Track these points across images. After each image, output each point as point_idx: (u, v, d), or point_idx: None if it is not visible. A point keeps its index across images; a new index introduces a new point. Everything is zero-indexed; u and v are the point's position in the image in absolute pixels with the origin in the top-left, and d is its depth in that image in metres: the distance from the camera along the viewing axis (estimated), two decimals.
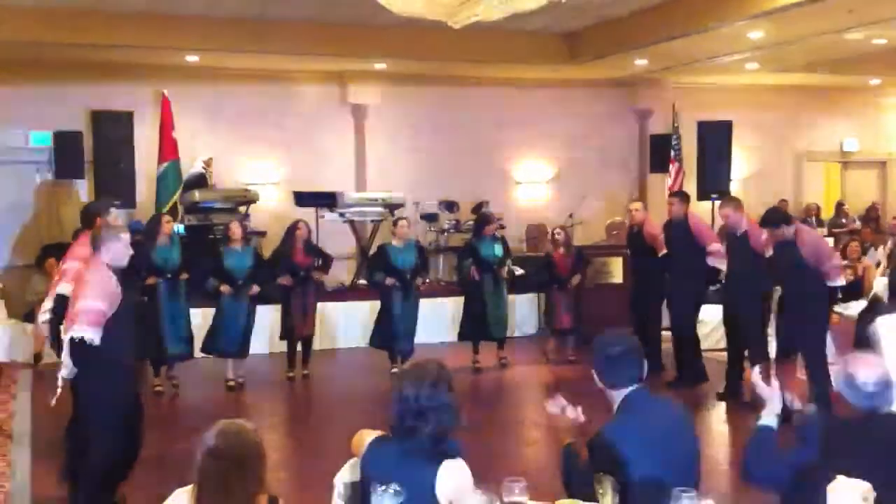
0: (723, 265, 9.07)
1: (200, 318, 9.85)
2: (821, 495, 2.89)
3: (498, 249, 10.49)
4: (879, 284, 9.53)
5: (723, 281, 9.22)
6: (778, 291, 8.48)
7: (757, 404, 3.70)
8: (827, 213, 15.96)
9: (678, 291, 9.50)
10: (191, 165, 12.36)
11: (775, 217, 7.96)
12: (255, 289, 9.51)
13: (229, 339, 9.49)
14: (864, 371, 3.34)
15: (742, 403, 8.39)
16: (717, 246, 9.21)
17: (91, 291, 5.23)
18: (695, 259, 9.22)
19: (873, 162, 17.24)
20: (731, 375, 8.81)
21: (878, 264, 11.17)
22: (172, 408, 8.97)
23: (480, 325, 10.44)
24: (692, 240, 9.27)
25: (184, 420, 5.88)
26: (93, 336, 5.12)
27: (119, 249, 5.39)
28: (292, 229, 9.91)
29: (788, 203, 13.95)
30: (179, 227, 11.11)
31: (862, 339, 8.19)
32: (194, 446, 2.87)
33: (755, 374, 3.74)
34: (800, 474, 3.19)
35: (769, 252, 8.13)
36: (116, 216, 6.65)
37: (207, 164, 12.57)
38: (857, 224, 15.23)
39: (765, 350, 8.46)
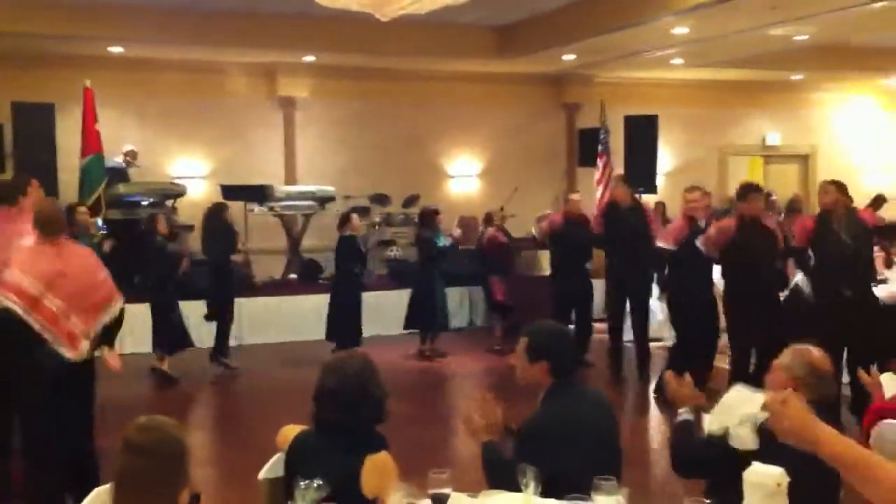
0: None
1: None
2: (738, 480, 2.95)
3: (443, 240, 10.66)
4: (799, 277, 9.74)
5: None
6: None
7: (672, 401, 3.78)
8: None
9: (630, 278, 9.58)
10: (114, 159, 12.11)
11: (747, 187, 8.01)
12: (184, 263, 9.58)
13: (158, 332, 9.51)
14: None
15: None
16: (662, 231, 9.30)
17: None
18: (645, 245, 9.27)
19: (795, 156, 17.64)
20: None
21: None
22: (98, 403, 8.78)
23: (430, 315, 10.63)
24: (645, 224, 9.39)
25: (108, 416, 5.78)
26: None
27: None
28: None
29: (712, 195, 14.17)
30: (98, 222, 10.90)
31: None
32: (116, 443, 2.82)
33: (667, 375, 3.81)
34: (722, 460, 3.26)
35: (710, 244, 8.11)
36: (36, 185, 6.35)
37: (131, 156, 12.32)
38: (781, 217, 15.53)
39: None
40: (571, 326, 9.69)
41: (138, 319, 9.61)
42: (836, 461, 2.21)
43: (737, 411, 2.95)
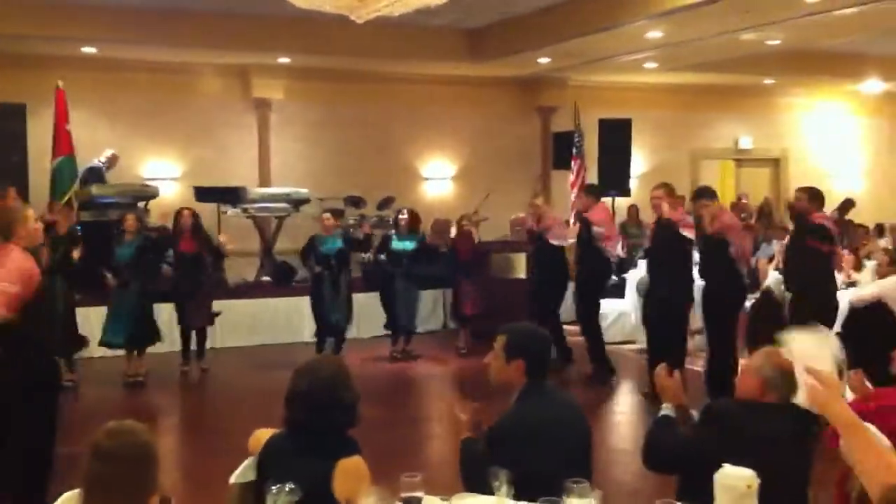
0: (619, 252, 9.31)
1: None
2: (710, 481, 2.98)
3: (409, 244, 10.67)
4: (772, 279, 9.85)
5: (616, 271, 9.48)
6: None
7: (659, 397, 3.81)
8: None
9: (581, 289, 9.65)
10: (88, 160, 11.99)
11: (704, 190, 8.17)
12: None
13: (114, 330, 9.41)
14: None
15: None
16: (598, 229, 9.36)
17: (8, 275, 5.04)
18: (596, 254, 9.39)
19: (767, 159, 17.79)
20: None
21: (770, 259, 11.52)
22: (66, 406, 8.71)
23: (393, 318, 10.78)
24: (590, 232, 9.46)
25: (79, 422, 5.72)
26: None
27: (33, 229, 5.26)
28: (176, 216, 9.90)
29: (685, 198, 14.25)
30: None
31: (754, 332, 8.50)
32: (84, 449, 2.80)
33: (659, 368, 3.83)
34: (695, 457, 3.29)
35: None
36: (13, 195, 6.27)
37: (112, 161, 12.22)
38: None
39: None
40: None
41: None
42: (841, 425, 2.52)
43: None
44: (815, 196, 7.88)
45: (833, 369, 2.86)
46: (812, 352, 2.92)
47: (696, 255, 8.58)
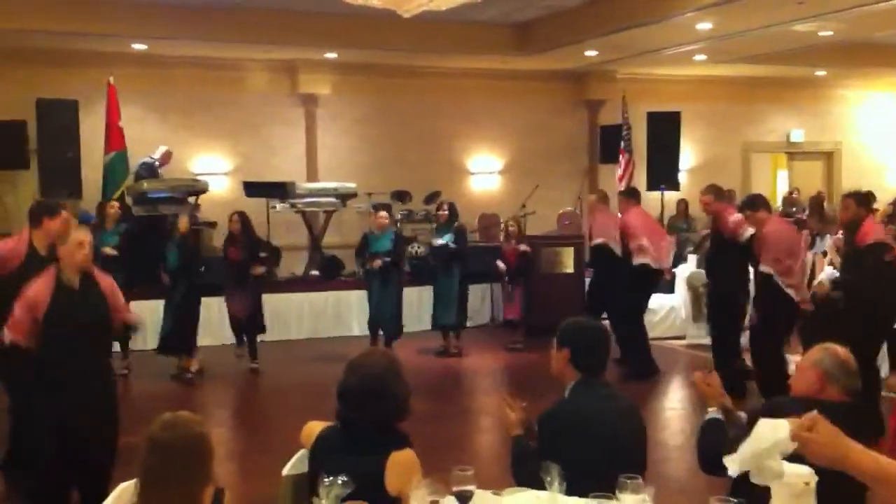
0: (646, 260, 9.21)
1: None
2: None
3: (447, 237, 10.68)
4: (825, 274, 9.67)
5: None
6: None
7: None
8: (774, 202, 16.17)
9: (620, 288, 9.59)
10: (139, 156, 12.14)
11: (756, 200, 8.06)
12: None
13: (163, 332, 9.60)
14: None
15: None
16: (637, 244, 9.29)
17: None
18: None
19: (819, 153, 17.51)
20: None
21: (824, 254, 11.33)
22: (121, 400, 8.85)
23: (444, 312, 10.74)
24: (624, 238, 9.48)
25: (132, 412, 5.80)
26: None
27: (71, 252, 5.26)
28: (229, 221, 9.99)
29: (735, 193, 14.08)
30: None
31: (810, 330, 8.34)
32: (140, 440, 2.83)
33: (696, 373, 3.80)
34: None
35: (746, 234, 8.10)
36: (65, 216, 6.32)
37: (164, 156, 12.37)
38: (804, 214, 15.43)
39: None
40: None
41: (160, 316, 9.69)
42: (864, 477, 2.24)
43: (765, 445, 2.84)
44: (862, 200, 7.65)
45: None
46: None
47: None
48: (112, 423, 5.23)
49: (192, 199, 12.08)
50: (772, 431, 2.63)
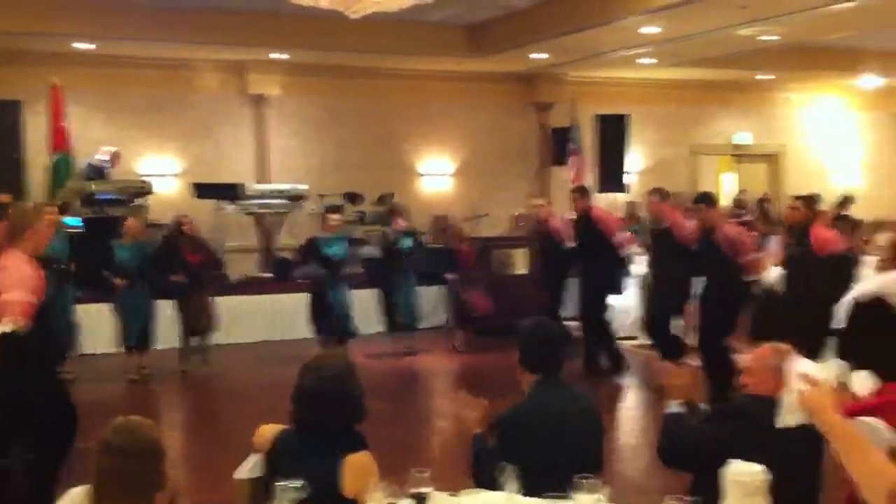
0: (632, 252, 9.35)
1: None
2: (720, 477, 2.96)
3: (409, 241, 10.71)
4: (772, 275, 9.81)
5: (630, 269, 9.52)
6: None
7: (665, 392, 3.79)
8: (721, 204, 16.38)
9: (587, 283, 9.62)
10: (85, 156, 11.95)
11: (706, 197, 8.20)
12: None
13: (129, 332, 9.42)
14: None
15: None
16: (621, 236, 9.41)
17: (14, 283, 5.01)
18: (602, 250, 9.39)
19: (765, 155, 17.80)
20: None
21: (769, 255, 11.50)
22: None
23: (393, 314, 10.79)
24: (597, 232, 9.42)
25: (83, 416, 5.71)
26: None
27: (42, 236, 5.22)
28: (178, 227, 9.96)
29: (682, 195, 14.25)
30: (75, 220, 10.81)
31: (757, 328, 8.49)
32: (93, 444, 2.79)
33: (668, 365, 3.83)
34: (711, 453, 3.27)
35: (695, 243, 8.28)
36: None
37: (113, 157, 12.18)
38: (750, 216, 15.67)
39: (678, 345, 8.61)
40: None
41: (107, 318, 9.57)
42: (832, 436, 2.42)
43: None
44: (811, 203, 7.92)
45: (831, 382, 2.81)
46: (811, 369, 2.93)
47: None
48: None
49: (139, 201, 11.94)
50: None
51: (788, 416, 3.32)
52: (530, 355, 3.68)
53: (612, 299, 10.13)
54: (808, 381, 2.55)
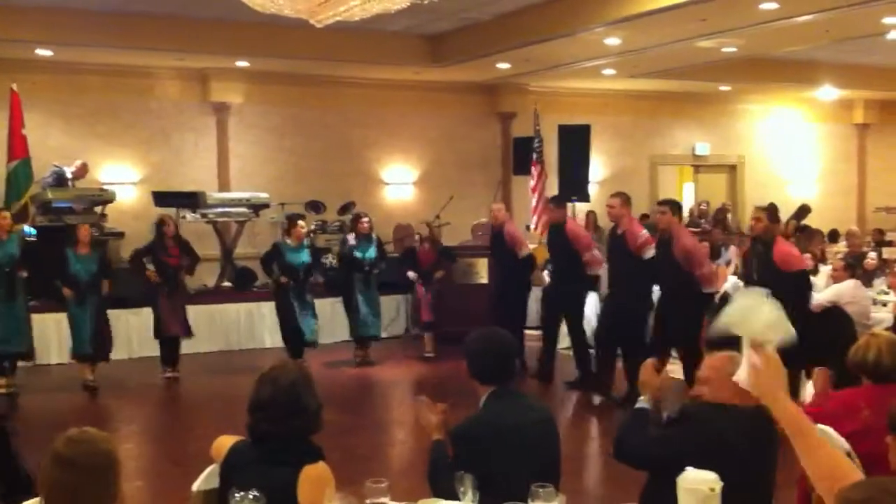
0: (600, 271, 9.38)
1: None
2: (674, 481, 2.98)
3: (372, 251, 10.71)
4: (729, 284, 9.95)
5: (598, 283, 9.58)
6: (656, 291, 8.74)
7: (629, 399, 3.80)
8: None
9: (561, 297, 9.56)
10: (43, 163, 11.77)
11: (673, 203, 8.35)
12: (106, 287, 9.48)
13: (80, 341, 9.34)
14: None
15: (613, 400, 8.52)
16: (591, 254, 9.41)
17: None
18: (575, 264, 9.41)
19: (724, 165, 18.00)
20: (600, 373, 8.91)
21: (727, 264, 11.65)
22: (20, 414, 8.59)
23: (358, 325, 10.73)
24: (568, 245, 9.43)
25: (34, 428, 5.62)
26: None
27: None
28: (160, 225, 9.91)
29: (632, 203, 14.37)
30: (30, 229, 10.67)
31: (713, 337, 8.58)
32: (44, 457, 2.75)
33: (647, 362, 3.79)
34: (665, 457, 3.29)
35: (649, 253, 8.35)
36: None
37: (80, 169, 12.03)
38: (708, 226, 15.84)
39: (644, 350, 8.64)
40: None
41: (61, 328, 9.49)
42: (786, 423, 2.37)
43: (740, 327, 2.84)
44: (774, 215, 8.10)
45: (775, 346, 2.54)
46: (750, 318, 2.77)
47: None
48: None
49: (98, 209, 11.82)
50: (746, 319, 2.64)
51: None
52: (480, 367, 3.67)
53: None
54: (761, 357, 2.46)
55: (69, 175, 11.89)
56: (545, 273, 10.54)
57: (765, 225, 7.82)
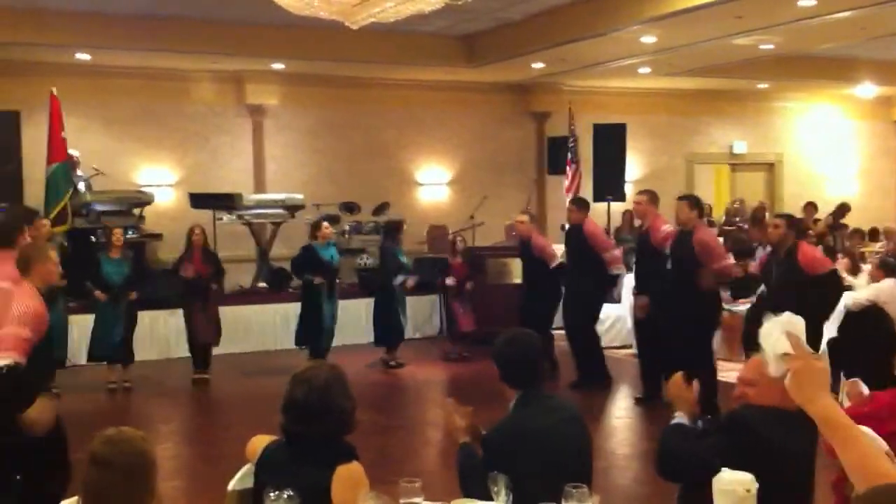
0: (621, 271, 9.34)
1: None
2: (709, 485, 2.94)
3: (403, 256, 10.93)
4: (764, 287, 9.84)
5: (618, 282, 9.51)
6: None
7: (672, 405, 3.75)
8: (717, 213, 16.41)
9: (575, 297, 9.54)
10: (83, 167, 11.92)
11: (693, 198, 8.21)
12: (133, 295, 9.55)
13: (107, 344, 9.47)
14: None
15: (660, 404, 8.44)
16: (612, 254, 9.39)
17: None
18: (592, 265, 9.36)
19: (762, 164, 17.83)
20: (649, 379, 8.76)
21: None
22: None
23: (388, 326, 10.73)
24: (588, 247, 9.40)
25: (72, 427, 5.69)
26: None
27: (49, 271, 5.13)
28: (189, 234, 9.98)
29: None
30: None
31: (750, 337, 8.50)
32: (82, 455, 2.79)
33: (675, 376, 3.75)
34: (715, 467, 3.23)
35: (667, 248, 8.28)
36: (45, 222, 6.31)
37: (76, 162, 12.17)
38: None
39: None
40: None
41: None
42: (822, 421, 2.31)
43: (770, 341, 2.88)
44: (793, 224, 8.09)
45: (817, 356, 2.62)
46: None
47: None
48: None
49: (136, 212, 11.94)
50: (768, 338, 2.65)
51: None
52: (509, 371, 3.67)
53: (606, 308, 10.15)
54: (800, 357, 2.39)
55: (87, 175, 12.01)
56: None
57: (782, 233, 7.78)
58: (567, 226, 10.12)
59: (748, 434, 3.33)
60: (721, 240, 10.02)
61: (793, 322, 2.62)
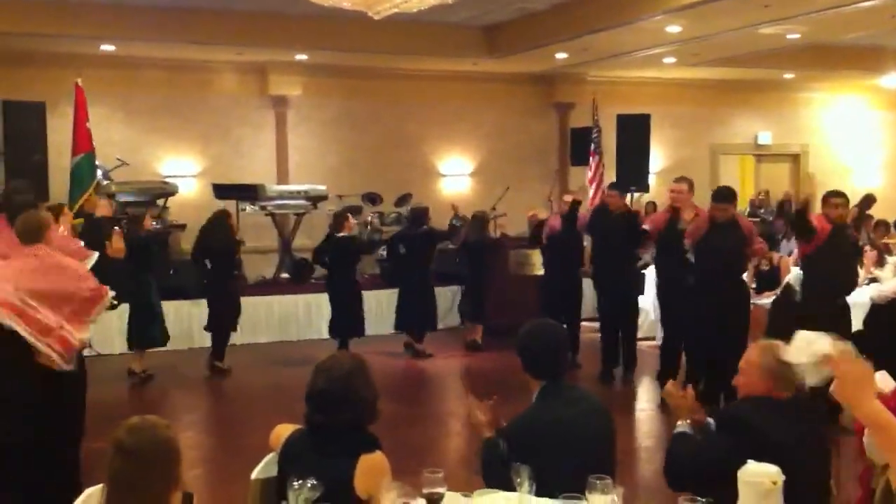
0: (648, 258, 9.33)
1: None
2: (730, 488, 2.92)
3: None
4: (792, 275, 9.76)
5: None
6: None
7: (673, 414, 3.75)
8: (742, 205, 16.29)
9: (615, 282, 9.44)
10: (105, 158, 11.99)
11: (727, 193, 8.01)
12: None
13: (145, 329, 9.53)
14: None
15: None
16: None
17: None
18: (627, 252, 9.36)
19: (787, 155, 17.67)
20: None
21: (790, 254, 11.43)
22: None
23: (420, 315, 10.78)
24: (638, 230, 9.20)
25: (95, 417, 5.74)
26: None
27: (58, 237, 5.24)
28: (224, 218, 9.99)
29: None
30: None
31: (774, 328, 8.43)
32: (106, 444, 2.80)
33: (668, 385, 3.78)
34: (716, 467, 3.22)
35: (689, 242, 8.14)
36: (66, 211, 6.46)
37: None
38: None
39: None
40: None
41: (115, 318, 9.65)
42: (868, 422, 2.32)
43: (807, 351, 2.88)
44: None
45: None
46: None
47: None
48: None
49: (160, 202, 12.00)
50: (807, 346, 2.67)
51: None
52: (532, 361, 3.66)
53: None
54: (843, 363, 2.37)
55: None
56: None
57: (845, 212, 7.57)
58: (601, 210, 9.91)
59: (746, 432, 3.33)
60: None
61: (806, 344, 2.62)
